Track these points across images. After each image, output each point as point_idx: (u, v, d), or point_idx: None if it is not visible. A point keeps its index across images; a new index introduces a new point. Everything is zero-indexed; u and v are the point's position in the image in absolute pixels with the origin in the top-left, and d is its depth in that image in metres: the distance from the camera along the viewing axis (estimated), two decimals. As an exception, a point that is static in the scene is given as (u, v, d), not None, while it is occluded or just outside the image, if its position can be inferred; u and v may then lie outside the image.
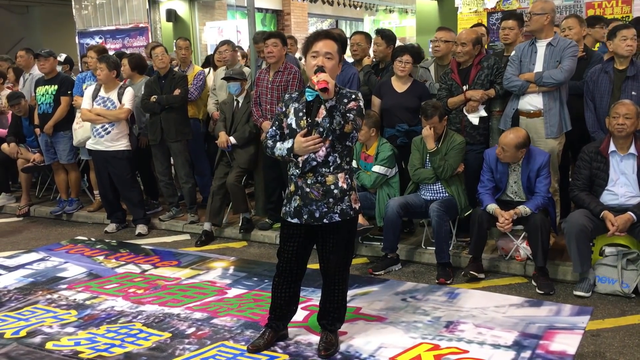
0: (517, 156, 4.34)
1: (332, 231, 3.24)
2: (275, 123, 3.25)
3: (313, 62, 3.10)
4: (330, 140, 3.10)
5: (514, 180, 4.46)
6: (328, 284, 3.37)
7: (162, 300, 4.25)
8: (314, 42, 3.13)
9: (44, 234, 6.23)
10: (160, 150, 6.04)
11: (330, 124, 3.05)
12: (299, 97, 3.21)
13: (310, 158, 3.13)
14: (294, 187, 3.20)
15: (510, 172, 4.46)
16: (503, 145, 4.32)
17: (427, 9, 9.31)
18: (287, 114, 3.19)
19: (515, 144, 4.29)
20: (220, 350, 3.48)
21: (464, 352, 3.36)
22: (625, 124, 4.02)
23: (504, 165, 4.45)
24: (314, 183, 3.16)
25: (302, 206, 3.19)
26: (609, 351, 3.35)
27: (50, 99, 6.39)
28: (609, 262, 4.11)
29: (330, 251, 3.27)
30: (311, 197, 3.16)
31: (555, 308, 3.91)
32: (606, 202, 4.14)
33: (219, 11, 13.00)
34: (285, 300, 3.41)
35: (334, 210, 3.18)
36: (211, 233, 5.76)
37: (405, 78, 5.11)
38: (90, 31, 12.19)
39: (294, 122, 3.15)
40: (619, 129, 4.05)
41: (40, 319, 4.00)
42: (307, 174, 3.16)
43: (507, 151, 4.31)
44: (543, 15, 4.50)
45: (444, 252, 4.50)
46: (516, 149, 4.30)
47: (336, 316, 3.43)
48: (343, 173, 3.19)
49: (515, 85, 4.58)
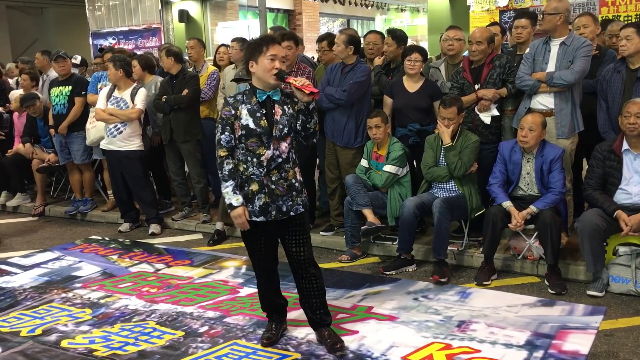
0: (541, 137, 4.37)
1: (298, 223, 3.36)
2: (227, 128, 3.23)
3: (271, 65, 3.18)
4: (291, 137, 3.31)
5: (527, 171, 4.45)
6: (306, 277, 3.42)
7: (175, 299, 4.29)
8: (270, 45, 3.20)
9: (58, 234, 6.30)
10: (172, 150, 6.08)
11: (307, 124, 3.29)
12: (246, 98, 3.25)
13: (276, 155, 3.25)
14: (258, 186, 3.25)
15: (524, 163, 4.44)
16: (530, 125, 4.31)
17: (439, 8, 9.29)
18: (239, 115, 3.22)
19: (541, 122, 4.34)
20: (233, 349, 3.50)
21: (476, 352, 3.36)
22: (636, 123, 3.99)
23: (519, 156, 4.44)
24: (279, 179, 3.28)
25: (269, 203, 3.26)
26: (622, 351, 3.33)
27: (65, 100, 6.46)
28: (623, 261, 4.09)
29: (302, 243, 3.38)
30: (277, 193, 3.27)
31: (568, 308, 3.90)
32: (620, 201, 4.10)
33: (231, 11, 13.06)
34: (275, 294, 3.59)
35: (297, 202, 3.35)
36: (223, 232, 5.79)
37: (417, 77, 5.10)
38: (104, 32, 12.31)
39: (252, 122, 3.21)
40: (630, 128, 4.02)
41: (56, 317, 4.05)
42: (272, 171, 3.26)
43: (535, 130, 4.31)
44: (556, 16, 4.47)
45: (441, 249, 4.49)
46: (542, 127, 4.33)
47: (324, 310, 3.49)
48: (297, 167, 3.40)
49: (527, 84, 4.57)
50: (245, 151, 3.24)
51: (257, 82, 3.26)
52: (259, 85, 3.25)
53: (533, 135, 4.33)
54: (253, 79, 3.28)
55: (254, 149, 3.23)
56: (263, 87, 3.24)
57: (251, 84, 3.29)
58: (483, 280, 4.35)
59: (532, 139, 4.34)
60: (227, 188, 3.21)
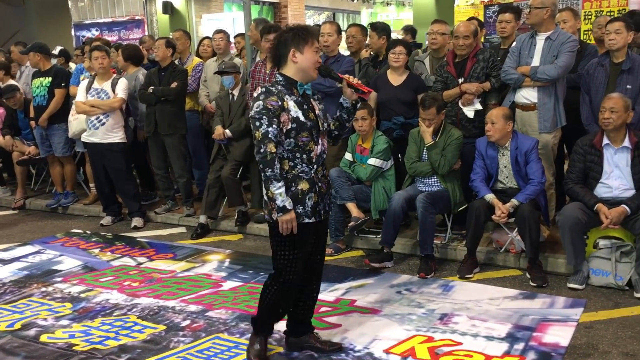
0: (505, 129, 4.37)
1: (325, 223, 3.23)
2: (274, 120, 2.87)
3: (316, 58, 2.98)
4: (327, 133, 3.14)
5: (503, 164, 4.47)
6: (316, 280, 3.30)
7: (157, 293, 4.26)
8: (316, 38, 3.00)
9: (39, 227, 6.23)
10: (156, 144, 6.03)
11: (347, 122, 3.18)
12: (286, 90, 2.96)
13: (322, 151, 3.05)
14: (308, 185, 2.99)
15: (499, 157, 4.47)
16: (492, 119, 4.36)
17: (424, 2, 9.31)
18: (286, 107, 2.91)
19: (503, 114, 4.36)
20: (215, 343, 3.49)
21: (457, 344, 3.37)
22: (611, 118, 4.02)
23: (494, 150, 4.47)
24: (322, 177, 3.10)
25: (318, 202, 3.05)
26: (601, 343, 3.37)
27: (45, 91, 6.37)
28: (603, 254, 4.12)
29: (324, 244, 3.28)
30: (322, 192, 3.09)
31: (549, 300, 3.93)
32: (600, 195, 4.14)
33: (216, 3, 12.95)
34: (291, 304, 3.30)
35: (330, 201, 3.20)
36: (207, 226, 5.76)
37: (401, 70, 5.10)
38: (87, 23, 12.16)
39: (302, 115, 2.95)
40: (605, 123, 4.06)
41: (35, 311, 4.01)
42: (319, 168, 3.06)
43: (496, 123, 4.34)
44: (543, 9, 4.49)
45: (427, 244, 4.51)
46: (505, 120, 4.34)
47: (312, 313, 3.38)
48: None
49: (512, 78, 4.59)
50: (293, 147, 2.94)
51: (295, 74, 2.97)
52: (297, 77, 2.97)
53: (496, 128, 4.35)
54: (289, 70, 2.97)
55: (304, 144, 2.95)
56: (301, 79, 2.98)
57: (285, 75, 2.99)
58: (466, 274, 4.37)
59: (497, 132, 4.36)
60: (280, 189, 2.88)
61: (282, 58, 2.98)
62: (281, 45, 2.97)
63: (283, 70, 3.01)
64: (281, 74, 3.01)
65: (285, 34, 2.98)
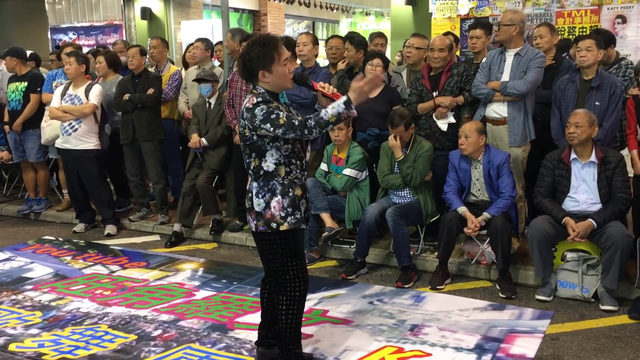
0: (478, 143, 4.46)
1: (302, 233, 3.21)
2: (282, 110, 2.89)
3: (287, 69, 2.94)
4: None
5: (476, 177, 4.56)
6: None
7: (129, 302, 4.24)
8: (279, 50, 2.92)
9: (10, 233, 6.14)
10: (131, 150, 6.00)
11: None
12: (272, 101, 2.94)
13: (308, 158, 3.09)
14: (301, 191, 3.01)
15: (472, 170, 4.55)
16: (466, 132, 4.46)
17: (402, 13, 9.40)
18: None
19: (476, 128, 4.46)
20: (186, 353, 3.48)
21: (427, 355, 3.42)
22: (575, 132, 4.13)
23: (467, 164, 4.55)
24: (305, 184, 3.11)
25: (307, 208, 3.09)
26: (566, 354, 3.44)
27: (20, 96, 6.31)
28: (570, 267, 4.22)
29: None
30: (306, 199, 3.12)
31: (517, 312, 4.00)
32: (568, 209, 4.24)
33: (195, 10, 12.93)
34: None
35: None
36: (181, 234, 5.75)
37: (377, 83, 5.16)
38: (63, 27, 12.03)
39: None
40: (570, 137, 4.17)
41: (4, 320, 3.95)
42: (305, 171, 3.06)
43: (470, 137, 4.43)
44: (512, 26, 4.60)
45: (402, 256, 4.57)
46: (478, 134, 4.44)
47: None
48: None
49: (482, 92, 4.68)
50: (290, 153, 2.95)
51: (271, 88, 2.95)
52: (274, 90, 2.97)
53: (470, 142, 4.45)
54: (264, 85, 2.93)
55: (299, 151, 2.99)
56: (278, 90, 3.00)
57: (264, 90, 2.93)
58: (437, 285, 4.43)
59: (470, 145, 4.46)
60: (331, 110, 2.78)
61: (253, 77, 2.93)
62: (248, 65, 2.90)
63: (259, 86, 2.97)
64: (262, 89, 2.94)
65: (249, 52, 2.89)
